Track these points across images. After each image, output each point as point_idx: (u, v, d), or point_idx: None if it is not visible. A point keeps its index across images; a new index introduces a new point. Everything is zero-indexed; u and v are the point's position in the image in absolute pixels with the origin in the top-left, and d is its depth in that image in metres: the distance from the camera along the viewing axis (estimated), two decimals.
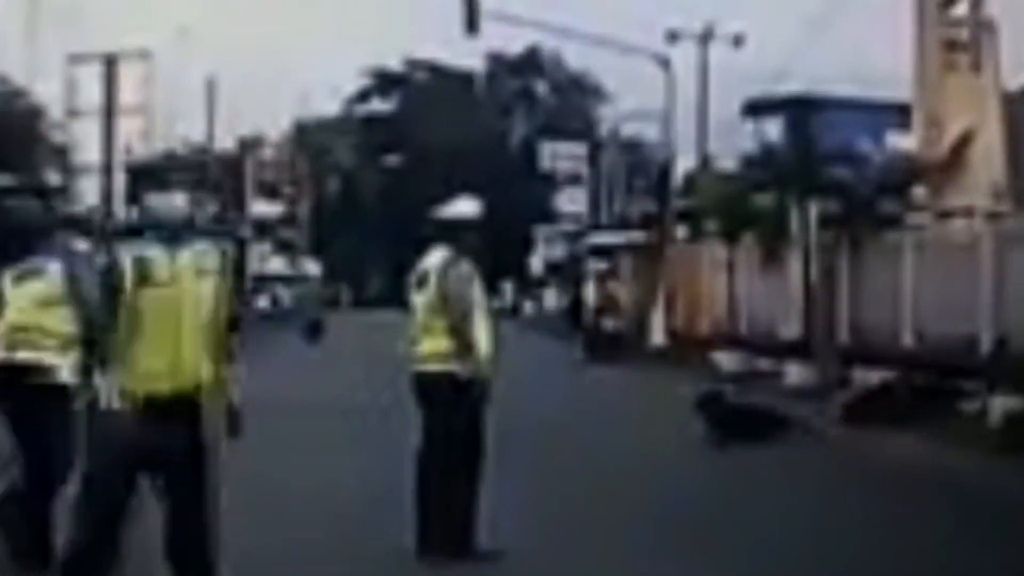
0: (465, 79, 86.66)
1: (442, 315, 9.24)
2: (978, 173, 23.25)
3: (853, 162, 24.86)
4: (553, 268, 66.65)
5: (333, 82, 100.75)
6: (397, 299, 12.45)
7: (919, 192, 23.71)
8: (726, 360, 27.46)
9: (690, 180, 39.10)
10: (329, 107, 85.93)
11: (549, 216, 69.40)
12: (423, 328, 9.38)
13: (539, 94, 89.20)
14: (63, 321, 8.07)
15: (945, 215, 23.16)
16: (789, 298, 26.33)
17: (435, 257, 9.42)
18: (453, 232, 9.46)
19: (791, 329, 26.08)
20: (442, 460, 9.27)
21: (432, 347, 9.33)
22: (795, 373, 23.93)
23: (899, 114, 30.13)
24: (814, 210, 24.92)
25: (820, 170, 24.33)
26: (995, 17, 24.38)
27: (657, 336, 34.83)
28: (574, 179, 67.75)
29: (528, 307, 69.05)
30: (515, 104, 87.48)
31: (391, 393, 13.28)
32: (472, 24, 36.04)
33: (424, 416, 9.45)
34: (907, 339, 21.73)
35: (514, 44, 79.95)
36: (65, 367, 8.14)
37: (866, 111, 33.85)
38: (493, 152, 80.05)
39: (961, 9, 25.27)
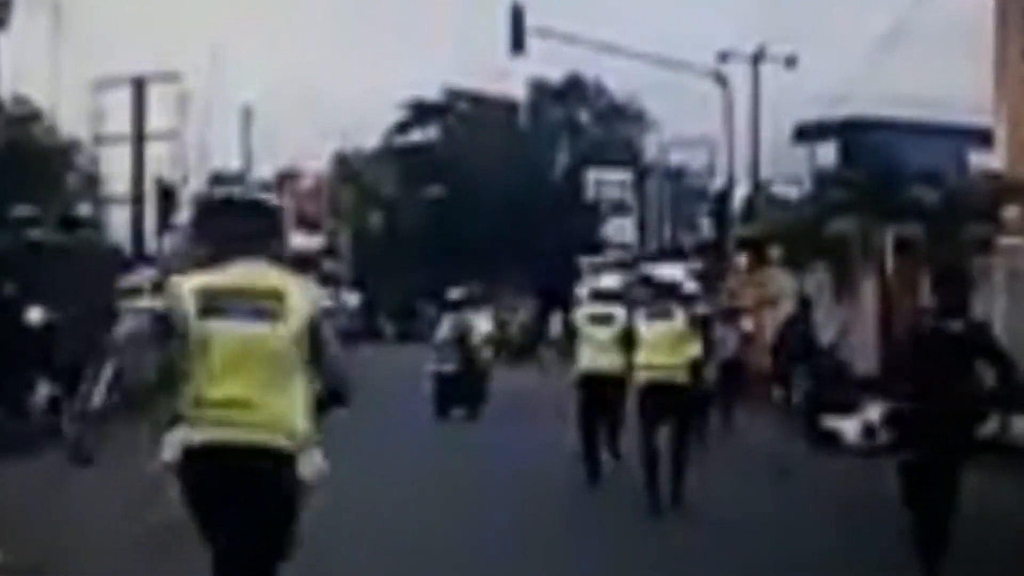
0: (507, 108, 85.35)
1: None
2: None
3: (934, 183, 23.24)
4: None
5: (373, 112, 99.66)
6: None
7: (1011, 214, 22.02)
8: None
9: (750, 206, 37.33)
10: (370, 138, 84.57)
11: (595, 246, 67.78)
12: None
13: (583, 122, 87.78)
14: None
15: None
16: (864, 330, 24.70)
17: None
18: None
19: (867, 363, 24.42)
20: None
21: None
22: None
23: (961, 136, 28.98)
24: (890, 235, 23.35)
25: (900, 192, 22.75)
26: None
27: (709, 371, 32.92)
28: (620, 208, 66.24)
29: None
30: (558, 132, 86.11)
31: None
32: (518, 42, 34.83)
33: None
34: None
35: (556, 69, 78.26)
36: None
37: (925, 134, 32.76)
38: (537, 181, 78.59)
39: None
